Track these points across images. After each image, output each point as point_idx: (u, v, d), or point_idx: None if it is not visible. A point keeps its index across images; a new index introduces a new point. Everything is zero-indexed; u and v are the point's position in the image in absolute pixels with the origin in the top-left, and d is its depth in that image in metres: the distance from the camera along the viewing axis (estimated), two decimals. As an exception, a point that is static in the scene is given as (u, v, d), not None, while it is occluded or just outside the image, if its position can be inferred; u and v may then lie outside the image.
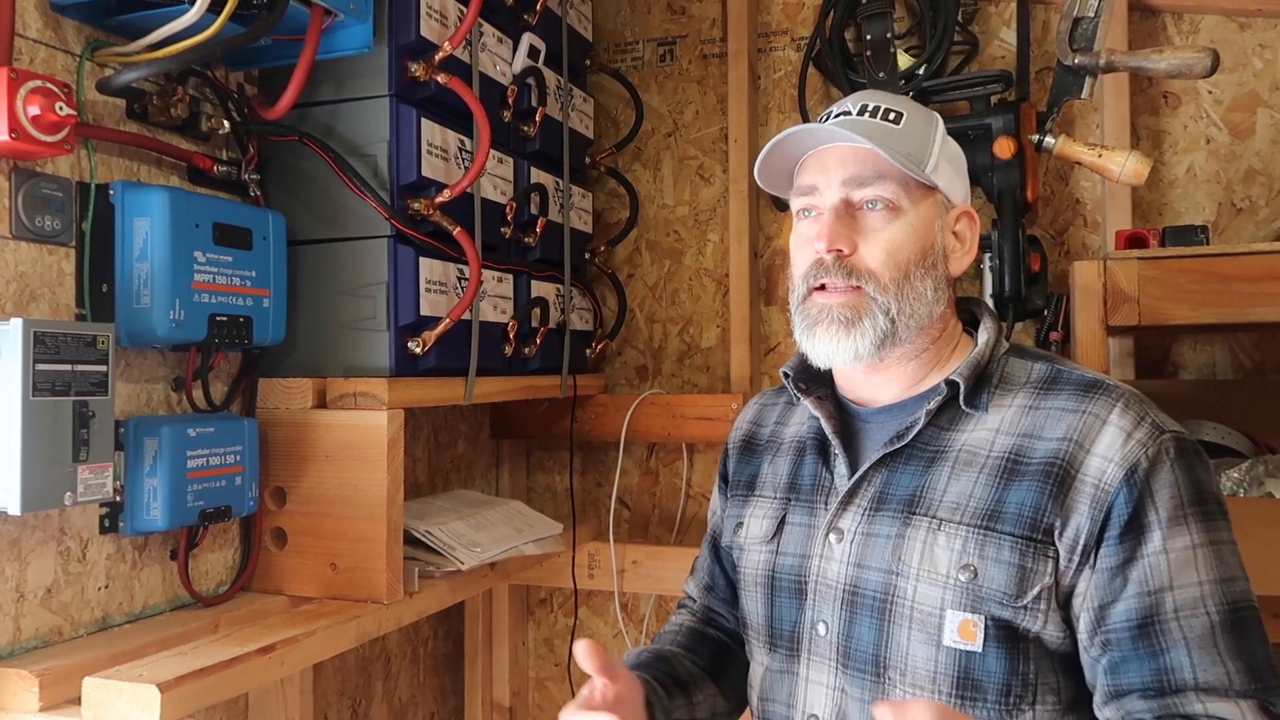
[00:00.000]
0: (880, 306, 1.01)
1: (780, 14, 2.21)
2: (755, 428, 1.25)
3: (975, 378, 1.03)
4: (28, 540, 1.21)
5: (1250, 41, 1.91)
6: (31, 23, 1.22)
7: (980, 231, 1.12)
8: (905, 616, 0.98)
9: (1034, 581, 0.94)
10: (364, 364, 1.50)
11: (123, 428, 1.29)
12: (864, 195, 1.03)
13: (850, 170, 1.03)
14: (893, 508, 1.01)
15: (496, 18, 1.74)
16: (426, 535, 1.62)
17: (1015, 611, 0.94)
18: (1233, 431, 1.68)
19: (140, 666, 1.16)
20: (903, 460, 1.03)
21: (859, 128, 1.03)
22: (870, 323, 1.01)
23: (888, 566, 1.00)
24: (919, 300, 1.03)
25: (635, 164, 2.31)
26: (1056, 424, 0.98)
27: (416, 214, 1.51)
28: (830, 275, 1.02)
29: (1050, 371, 1.04)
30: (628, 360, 2.33)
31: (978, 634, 0.95)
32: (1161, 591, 0.91)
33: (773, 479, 1.16)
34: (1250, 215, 1.91)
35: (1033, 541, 0.94)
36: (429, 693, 2.15)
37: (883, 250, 1.02)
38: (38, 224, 1.22)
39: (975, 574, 0.95)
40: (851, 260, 1.02)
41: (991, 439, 1.00)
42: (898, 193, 1.02)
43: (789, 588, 1.09)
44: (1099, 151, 1.67)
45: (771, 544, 1.12)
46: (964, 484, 0.99)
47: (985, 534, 0.96)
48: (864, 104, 1.07)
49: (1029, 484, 0.96)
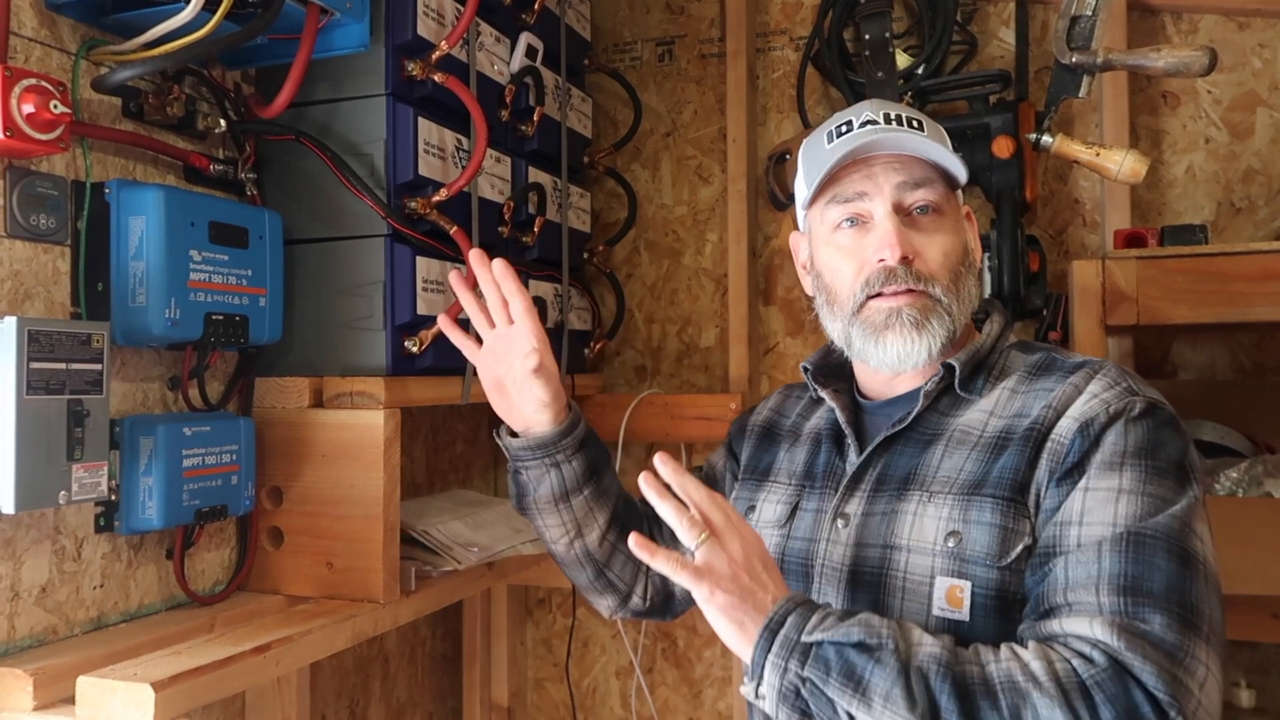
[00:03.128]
0: (945, 308, 1.04)
1: (779, 14, 2.21)
2: (778, 416, 1.27)
3: (974, 365, 1.06)
4: (22, 539, 1.21)
5: (1249, 41, 1.91)
6: (26, 21, 1.22)
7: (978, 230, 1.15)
8: (899, 588, 0.99)
9: (1015, 541, 0.94)
10: (361, 363, 1.50)
11: (118, 426, 1.28)
12: (915, 199, 1.05)
13: (902, 175, 1.05)
14: (891, 487, 1.04)
15: (494, 17, 1.74)
16: (423, 535, 1.62)
17: (1000, 573, 0.94)
18: (1232, 431, 1.68)
19: (135, 666, 1.15)
20: (902, 443, 1.06)
21: (901, 133, 1.05)
22: (939, 323, 1.04)
23: (884, 541, 1.01)
24: (968, 298, 1.07)
25: (634, 164, 2.31)
26: (1042, 400, 1.00)
27: (413, 213, 1.51)
28: (898, 282, 1.03)
29: (1045, 359, 1.07)
30: (626, 360, 2.32)
31: (964, 600, 0.94)
32: (1068, 524, 0.90)
33: (789, 466, 1.19)
34: (1249, 215, 1.91)
35: (1013, 502, 0.95)
36: (427, 693, 2.15)
37: (940, 253, 1.05)
38: (32, 222, 1.21)
39: (960, 539, 0.96)
40: (915, 265, 1.04)
41: (985, 420, 1.03)
42: (942, 195, 1.06)
43: (796, 570, 1.10)
44: (1097, 150, 1.67)
45: (784, 528, 1.13)
46: (956, 459, 1.01)
47: (969, 499, 0.97)
48: (885, 112, 1.08)
49: (1012, 450, 0.98)
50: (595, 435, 1.25)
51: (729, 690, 2.21)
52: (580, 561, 1.26)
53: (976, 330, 1.14)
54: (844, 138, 1.07)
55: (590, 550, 1.25)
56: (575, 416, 1.21)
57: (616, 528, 1.25)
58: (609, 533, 1.25)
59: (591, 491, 1.22)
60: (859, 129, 1.07)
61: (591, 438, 1.23)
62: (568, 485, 1.20)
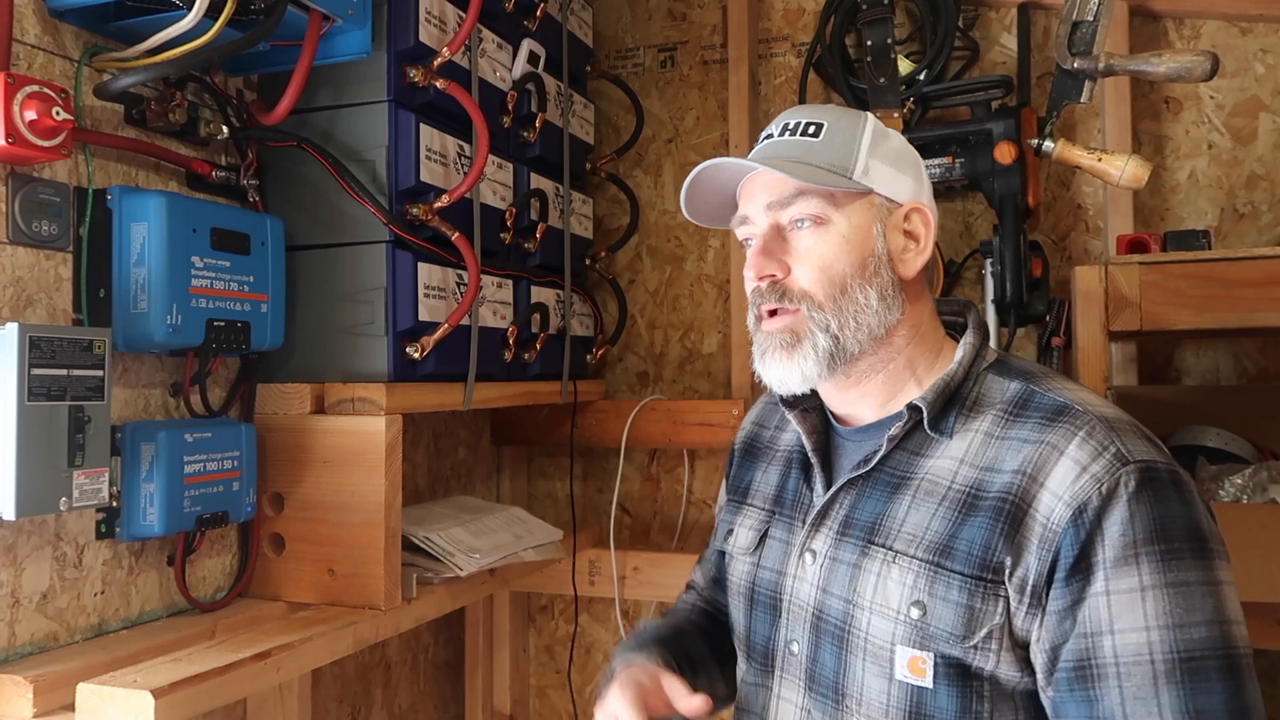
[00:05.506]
0: (819, 325, 1.00)
1: (781, 20, 2.21)
2: (759, 429, 1.25)
3: (944, 401, 1.00)
4: (23, 546, 1.21)
5: (1252, 46, 1.91)
6: (29, 28, 1.22)
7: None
8: (860, 648, 0.97)
9: (983, 622, 0.91)
10: (362, 369, 1.50)
11: (119, 433, 1.28)
12: (790, 215, 1.02)
13: (772, 194, 1.02)
14: (855, 534, 1.01)
15: (496, 24, 1.75)
16: (425, 541, 1.62)
17: (965, 651, 0.91)
18: (1236, 437, 1.67)
19: (135, 673, 1.15)
20: (870, 484, 1.02)
21: (779, 148, 1.03)
22: (810, 343, 1.00)
23: (846, 595, 0.99)
24: (862, 311, 1.00)
25: (636, 170, 2.31)
26: (1015, 456, 0.94)
27: (415, 219, 1.51)
28: (768, 301, 1.02)
29: (1023, 393, 0.99)
30: (628, 366, 2.32)
31: (927, 670, 0.93)
32: (1099, 635, 0.87)
33: (764, 489, 1.17)
34: (1252, 220, 1.90)
35: (982, 581, 0.91)
36: (429, 700, 2.14)
37: (815, 268, 1.00)
38: (35, 229, 1.22)
39: (925, 611, 0.93)
40: (786, 283, 1.01)
41: (955, 469, 0.98)
42: (822, 206, 1.00)
43: (765, 602, 1.09)
44: (1099, 155, 1.67)
45: (753, 556, 1.12)
46: (923, 514, 0.97)
47: (936, 570, 0.94)
48: (785, 123, 1.06)
49: (981, 520, 0.93)
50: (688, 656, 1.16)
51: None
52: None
53: (954, 339, 1.08)
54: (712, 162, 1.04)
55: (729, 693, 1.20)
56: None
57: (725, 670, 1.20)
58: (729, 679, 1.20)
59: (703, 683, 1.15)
60: (761, 143, 1.06)
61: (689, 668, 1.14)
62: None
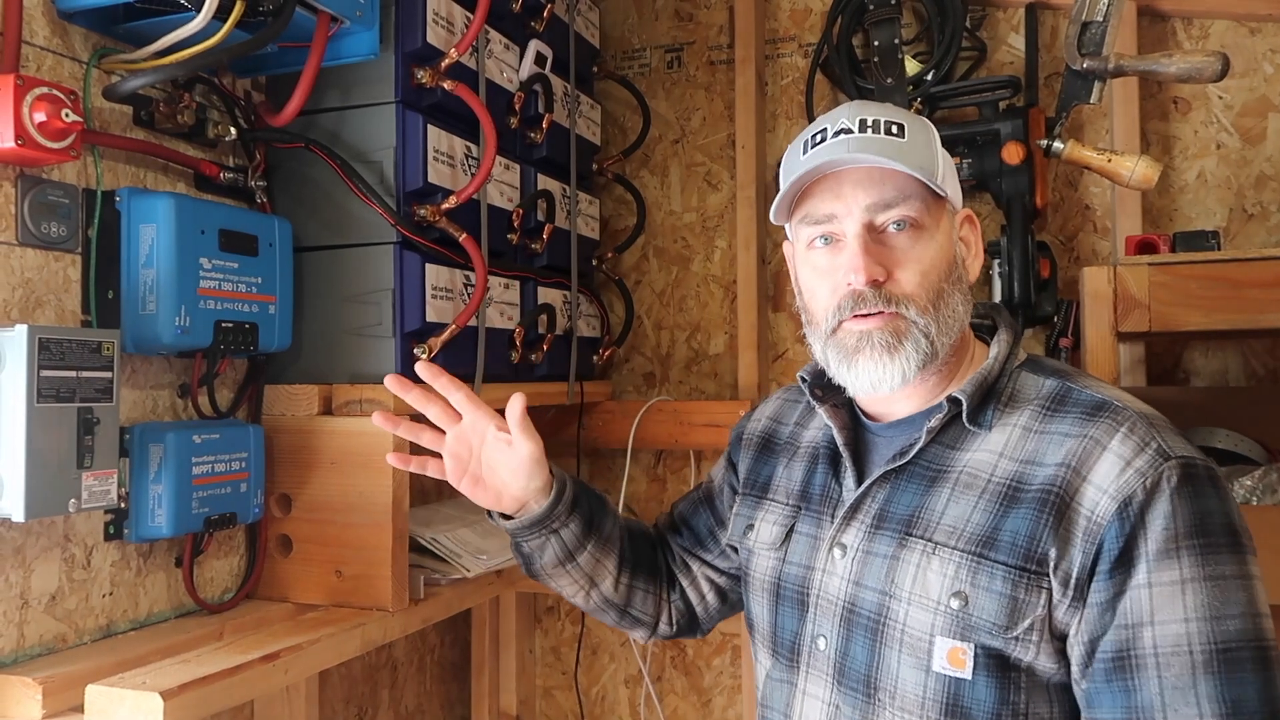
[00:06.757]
0: (921, 329, 0.98)
1: (788, 20, 2.21)
2: (776, 425, 1.23)
3: (982, 394, 1.00)
4: (32, 547, 1.21)
5: (1261, 46, 1.90)
6: (39, 30, 1.22)
7: (983, 236, 1.11)
8: (896, 639, 0.96)
9: (1026, 613, 0.91)
10: (370, 370, 1.50)
11: (128, 434, 1.28)
12: (889, 217, 0.99)
13: (873, 195, 0.98)
14: (892, 527, 1.00)
15: (503, 25, 1.75)
16: (432, 542, 1.62)
17: (1006, 642, 0.91)
18: (1245, 439, 1.66)
19: (143, 674, 1.15)
20: (905, 478, 1.01)
21: (870, 146, 0.98)
22: (913, 346, 0.98)
23: (882, 587, 0.98)
24: (953, 316, 1.00)
25: (643, 170, 2.31)
26: (1058, 449, 0.94)
27: (422, 220, 1.51)
28: (868, 305, 0.98)
29: (1060, 389, 1.00)
30: (635, 367, 2.32)
31: (967, 662, 0.92)
32: (1140, 626, 0.87)
33: (786, 484, 1.15)
34: (1262, 221, 1.90)
35: (1026, 572, 0.91)
36: (435, 701, 2.14)
37: (917, 273, 0.98)
38: (44, 230, 1.22)
39: (966, 602, 0.93)
40: (888, 287, 0.98)
41: (994, 462, 0.97)
42: (921, 210, 0.99)
43: (792, 598, 1.08)
44: (1108, 156, 1.66)
45: (779, 551, 1.11)
46: (963, 507, 0.96)
47: (979, 561, 0.93)
48: (862, 118, 1.00)
49: (1025, 511, 0.93)
50: (585, 488, 1.21)
51: (738, 698, 2.20)
52: (602, 608, 1.25)
53: (982, 341, 1.08)
54: (816, 149, 1.00)
55: (608, 597, 1.23)
56: (560, 482, 1.16)
57: (627, 569, 1.24)
58: (621, 576, 1.23)
59: (594, 545, 1.20)
60: (832, 139, 1.00)
61: (583, 493, 1.20)
62: (570, 547, 1.18)
